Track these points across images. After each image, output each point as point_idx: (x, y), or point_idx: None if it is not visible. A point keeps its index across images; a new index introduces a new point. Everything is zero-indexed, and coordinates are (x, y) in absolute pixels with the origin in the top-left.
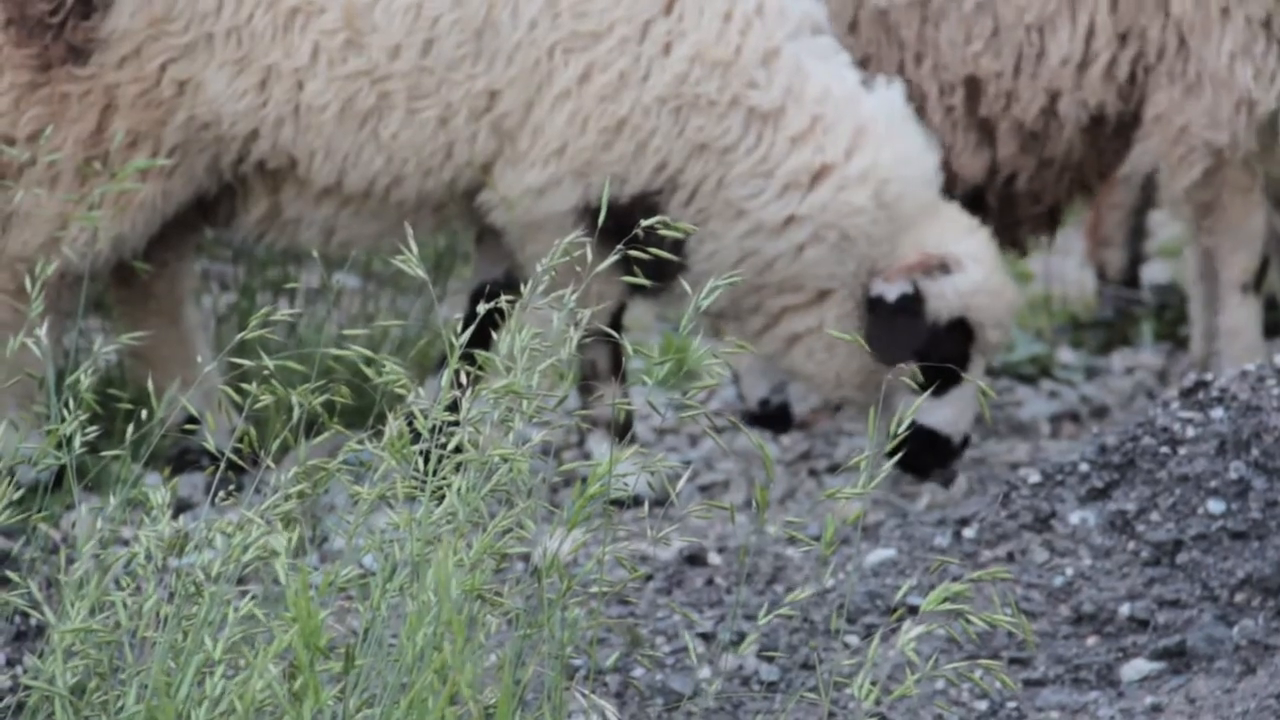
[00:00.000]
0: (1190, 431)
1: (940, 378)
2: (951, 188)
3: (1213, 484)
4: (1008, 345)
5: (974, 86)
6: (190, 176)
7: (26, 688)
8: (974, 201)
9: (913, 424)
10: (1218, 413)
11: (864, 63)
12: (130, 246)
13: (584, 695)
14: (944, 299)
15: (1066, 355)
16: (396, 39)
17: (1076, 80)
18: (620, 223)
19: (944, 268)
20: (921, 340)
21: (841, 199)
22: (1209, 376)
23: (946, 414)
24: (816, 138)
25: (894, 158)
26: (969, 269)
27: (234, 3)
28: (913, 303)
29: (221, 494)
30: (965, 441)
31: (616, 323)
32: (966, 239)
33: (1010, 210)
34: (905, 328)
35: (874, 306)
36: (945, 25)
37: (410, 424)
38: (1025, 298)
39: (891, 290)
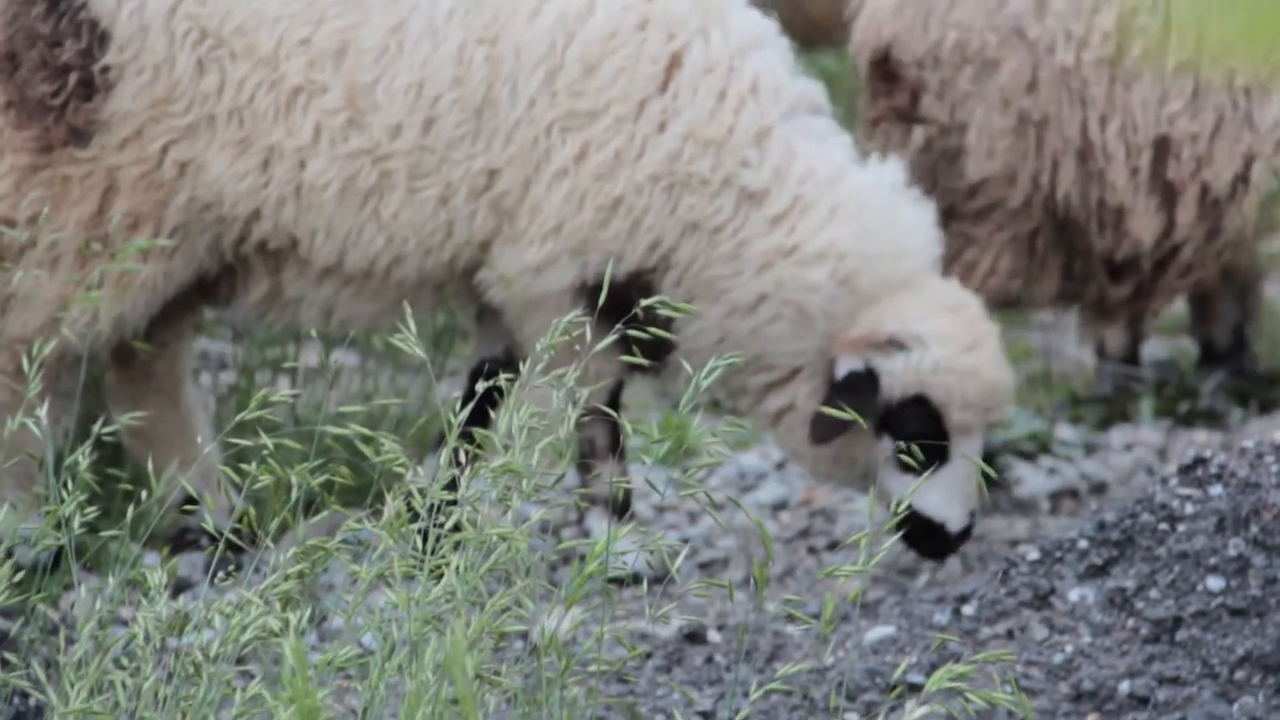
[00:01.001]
0: (1189, 508)
1: (928, 459)
2: (1115, 251)
3: (1212, 561)
4: (1002, 424)
5: (1164, 148)
6: (191, 257)
7: None
8: (1125, 263)
9: (910, 507)
10: (1216, 489)
11: (1041, 124)
12: (131, 327)
13: None
14: (895, 376)
15: (1066, 432)
16: (398, 118)
17: (1277, 147)
18: (617, 300)
19: (896, 344)
20: (864, 413)
21: (798, 275)
22: (1208, 453)
23: (934, 498)
24: (792, 218)
25: (855, 234)
26: (930, 347)
27: (235, 84)
28: (861, 379)
29: (220, 574)
30: (966, 531)
31: (615, 400)
32: (937, 317)
33: (1160, 275)
34: (848, 404)
35: (832, 384)
36: (1138, 85)
37: (408, 503)
38: (1024, 374)
39: (840, 367)
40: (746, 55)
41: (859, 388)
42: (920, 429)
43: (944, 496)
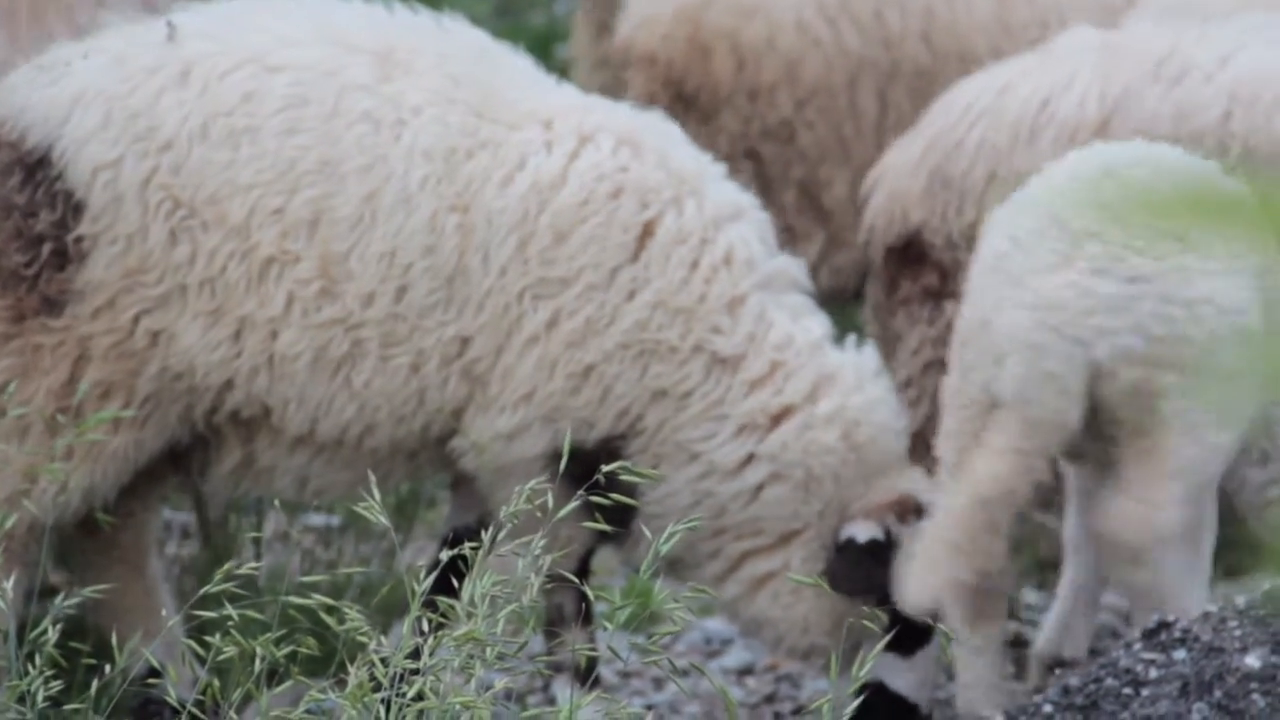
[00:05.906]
0: (1153, 673)
1: (908, 635)
2: None
3: None
4: None
5: None
6: (163, 427)
7: None
8: None
9: (881, 688)
10: (1180, 654)
11: None
12: (100, 497)
13: None
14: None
15: (1030, 596)
16: (370, 286)
17: None
18: (587, 467)
19: (919, 512)
20: (883, 584)
21: (807, 438)
22: (1171, 617)
23: (913, 679)
24: (776, 382)
25: (865, 403)
26: None
27: (207, 254)
28: (882, 549)
29: None
30: (929, 716)
31: (584, 567)
32: (934, 491)
33: None
34: (869, 570)
35: (843, 548)
36: None
37: (372, 672)
38: None
39: (862, 532)
40: (721, 227)
41: (880, 554)
42: None
43: (920, 679)
